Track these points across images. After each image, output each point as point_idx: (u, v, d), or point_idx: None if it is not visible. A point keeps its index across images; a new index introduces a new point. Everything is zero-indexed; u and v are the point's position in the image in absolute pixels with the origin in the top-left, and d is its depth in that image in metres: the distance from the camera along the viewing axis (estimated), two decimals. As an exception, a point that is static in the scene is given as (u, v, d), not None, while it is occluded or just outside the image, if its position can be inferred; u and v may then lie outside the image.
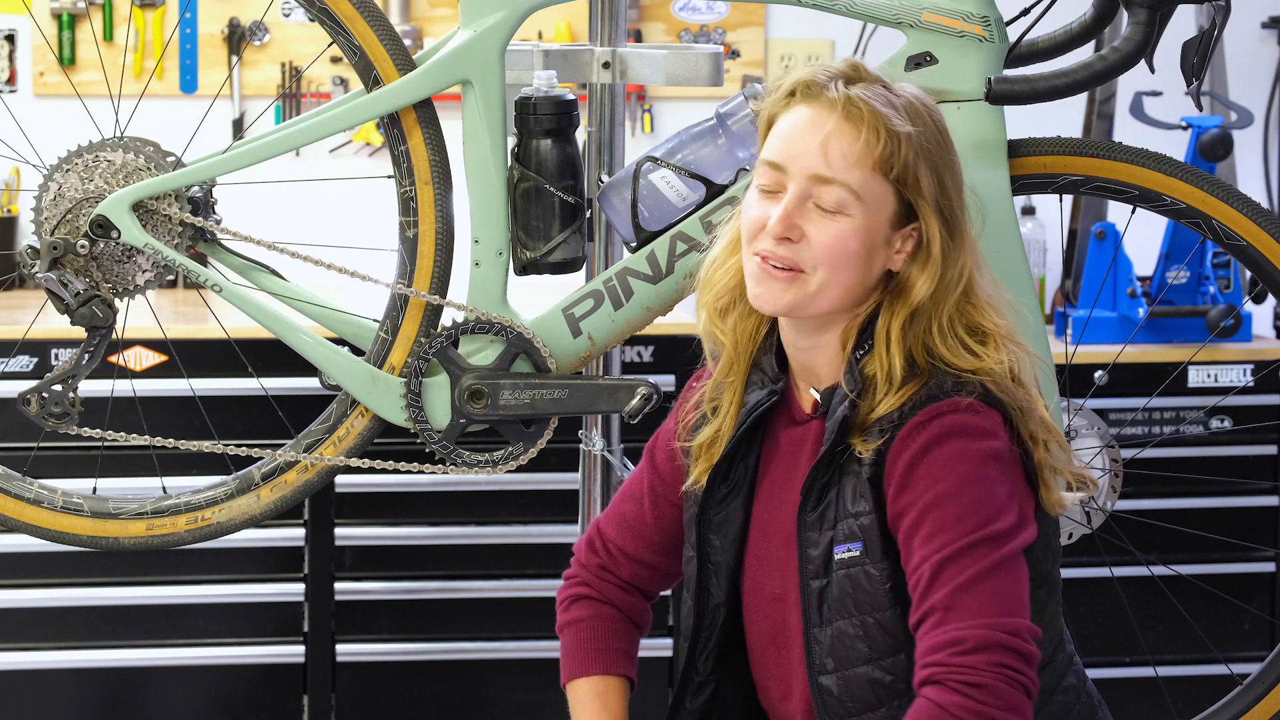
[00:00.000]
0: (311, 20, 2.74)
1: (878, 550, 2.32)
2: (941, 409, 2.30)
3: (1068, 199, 4.71)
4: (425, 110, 2.70)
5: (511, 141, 2.74)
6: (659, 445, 2.58)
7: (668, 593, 4.45)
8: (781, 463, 2.44)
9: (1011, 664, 2.20)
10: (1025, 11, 2.70)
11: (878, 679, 2.33)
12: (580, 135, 2.81)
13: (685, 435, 2.51)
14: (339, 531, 4.39)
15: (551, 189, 2.73)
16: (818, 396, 2.40)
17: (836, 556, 2.34)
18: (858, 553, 2.33)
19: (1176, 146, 4.08)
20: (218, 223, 2.76)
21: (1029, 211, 4.97)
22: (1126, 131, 4.72)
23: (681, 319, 3.25)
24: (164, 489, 2.86)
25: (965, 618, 2.22)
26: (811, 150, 2.31)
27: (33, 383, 2.75)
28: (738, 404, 2.45)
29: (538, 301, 2.82)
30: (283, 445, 2.81)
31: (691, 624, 2.49)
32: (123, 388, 3.92)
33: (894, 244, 2.35)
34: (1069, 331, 4.53)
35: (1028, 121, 2.98)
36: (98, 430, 2.78)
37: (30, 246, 2.72)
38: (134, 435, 2.80)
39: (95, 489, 2.85)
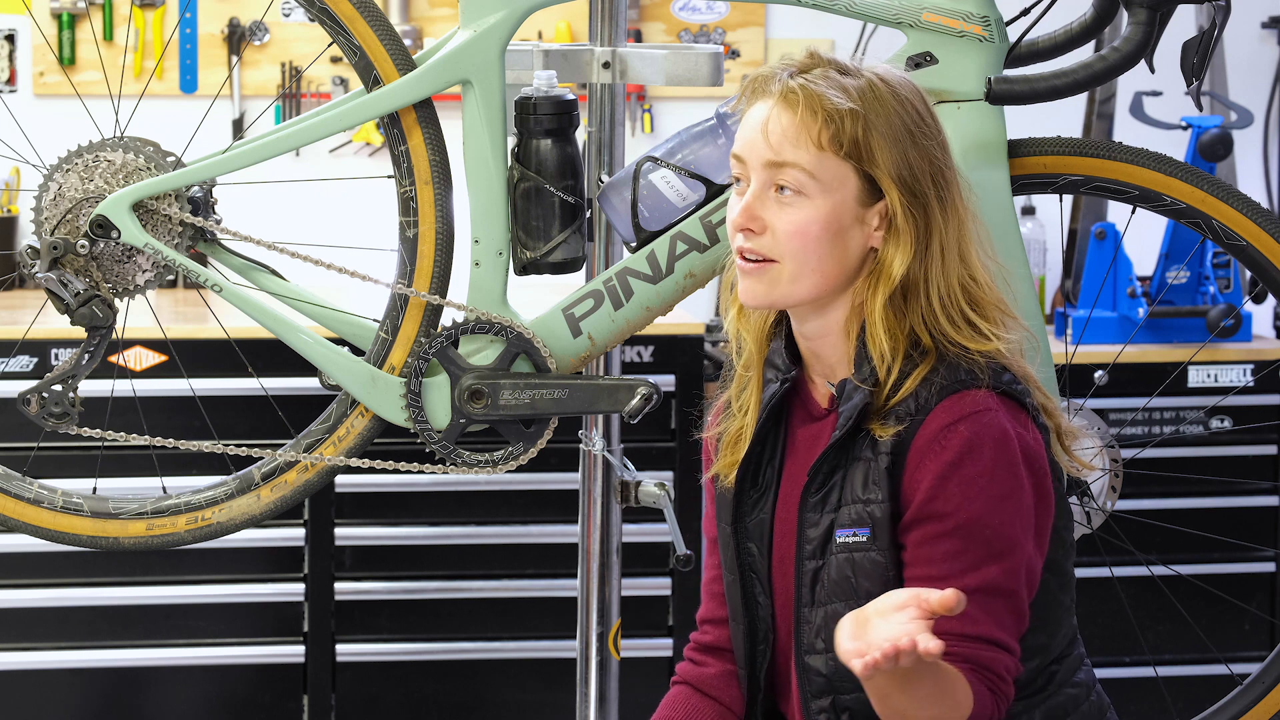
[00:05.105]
0: (311, 20, 2.74)
1: (886, 538, 2.33)
2: (968, 407, 2.31)
3: (1068, 199, 4.71)
4: (425, 110, 2.69)
5: (511, 141, 2.74)
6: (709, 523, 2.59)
7: (666, 592, 4.46)
8: (797, 460, 2.44)
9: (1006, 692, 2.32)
10: (1025, 11, 2.70)
11: None
12: (580, 135, 2.80)
13: (715, 429, 2.53)
14: (339, 531, 4.39)
15: (551, 189, 2.73)
16: (833, 389, 2.41)
17: (839, 540, 2.34)
18: (864, 539, 2.33)
19: (1176, 146, 4.09)
20: (218, 223, 2.76)
21: (1029, 211, 4.97)
22: (1126, 131, 4.72)
23: (682, 319, 3.27)
24: (164, 489, 2.86)
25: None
26: (758, 139, 2.35)
27: (33, 383, 2.74)
28: (758, 397, 2.46)
29: (538, 301, 2.82)
30: (283, 445, 2.80)
31: (745, 647, 2.47)
32: (123, 388, 3.92)
33: (869, 221, 2.35)
34: (1069, 331, 4.53)
35: (1028, 121, 2.98)
36: (98, 430, 2.78)
37: (30, 246, 2.72)
38: (134, 435, 2.80)
39: (95, 489, 2.85)
